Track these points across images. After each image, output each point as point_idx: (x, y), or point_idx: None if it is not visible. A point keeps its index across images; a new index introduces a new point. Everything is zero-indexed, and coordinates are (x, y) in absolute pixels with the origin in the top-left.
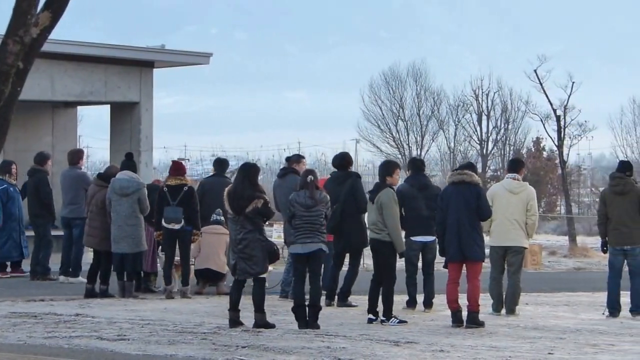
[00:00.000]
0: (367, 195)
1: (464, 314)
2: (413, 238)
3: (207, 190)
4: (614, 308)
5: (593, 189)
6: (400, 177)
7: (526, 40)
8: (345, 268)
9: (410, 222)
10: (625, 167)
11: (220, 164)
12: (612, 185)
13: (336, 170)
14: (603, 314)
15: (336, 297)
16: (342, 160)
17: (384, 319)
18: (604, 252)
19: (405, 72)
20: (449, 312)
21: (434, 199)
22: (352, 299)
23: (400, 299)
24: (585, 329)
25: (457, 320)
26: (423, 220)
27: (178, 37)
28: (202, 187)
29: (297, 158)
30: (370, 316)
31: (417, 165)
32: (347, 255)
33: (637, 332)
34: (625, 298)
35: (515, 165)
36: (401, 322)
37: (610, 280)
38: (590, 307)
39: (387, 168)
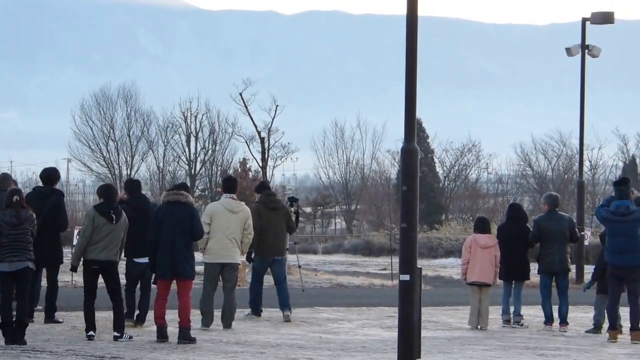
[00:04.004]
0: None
1: (170, 330)
2: (137, 260)
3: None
4: (257, 307)
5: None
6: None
7: (234, 65)
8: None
9: (136, 244)
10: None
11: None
12: (268, 202)
13: (41, 184)
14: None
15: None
16: (51, 175)
17: (117, 334)
18: (252, 261)
19: (116, 94)
20: (154, 328)
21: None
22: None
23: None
24: (285, 344)
25: (162, 335)
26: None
27: None
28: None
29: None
30: (91, 333)
31: (134, 186)
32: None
33: (335, 346)
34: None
35: (233, 185)
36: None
37: (256, 285)
38: (290, 322)
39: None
